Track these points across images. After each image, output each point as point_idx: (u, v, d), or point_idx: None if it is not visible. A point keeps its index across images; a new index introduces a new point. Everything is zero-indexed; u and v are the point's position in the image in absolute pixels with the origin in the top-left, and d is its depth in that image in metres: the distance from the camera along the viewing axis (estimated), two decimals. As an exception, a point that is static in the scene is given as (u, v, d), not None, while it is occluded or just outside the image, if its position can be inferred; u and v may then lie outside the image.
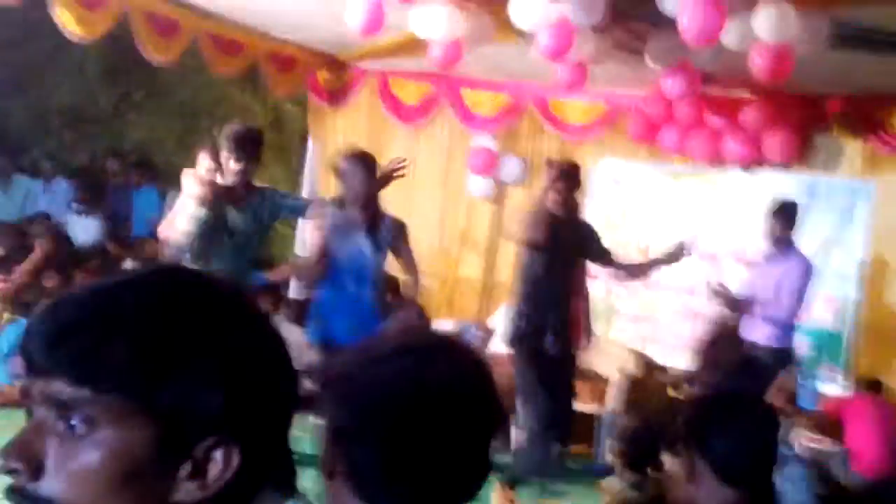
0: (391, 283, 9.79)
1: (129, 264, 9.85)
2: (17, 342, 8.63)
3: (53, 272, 9.42)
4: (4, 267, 9.37)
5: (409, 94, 10.54)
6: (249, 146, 6.31)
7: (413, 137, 10.59)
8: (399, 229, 6.58)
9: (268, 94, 11.85)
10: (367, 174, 6.37)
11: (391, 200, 10.54)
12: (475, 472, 1.51)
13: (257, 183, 6.90)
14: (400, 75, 10.43)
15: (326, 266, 6.44)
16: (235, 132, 6.32)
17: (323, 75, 10.62)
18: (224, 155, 6.32)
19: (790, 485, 6.05)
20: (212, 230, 6.29)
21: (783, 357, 7.72)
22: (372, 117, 10.66)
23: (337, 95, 10.68)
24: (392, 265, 6.99)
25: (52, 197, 11.34)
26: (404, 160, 6.70)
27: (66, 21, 7.73)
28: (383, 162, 10.52)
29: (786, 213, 7.85)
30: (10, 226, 10.43)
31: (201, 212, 6.27)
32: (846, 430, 7.89)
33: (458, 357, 1.56)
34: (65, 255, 9.88)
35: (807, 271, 7.80)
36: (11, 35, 10.53)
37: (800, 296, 7.73)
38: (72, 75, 12.07)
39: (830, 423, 7.88)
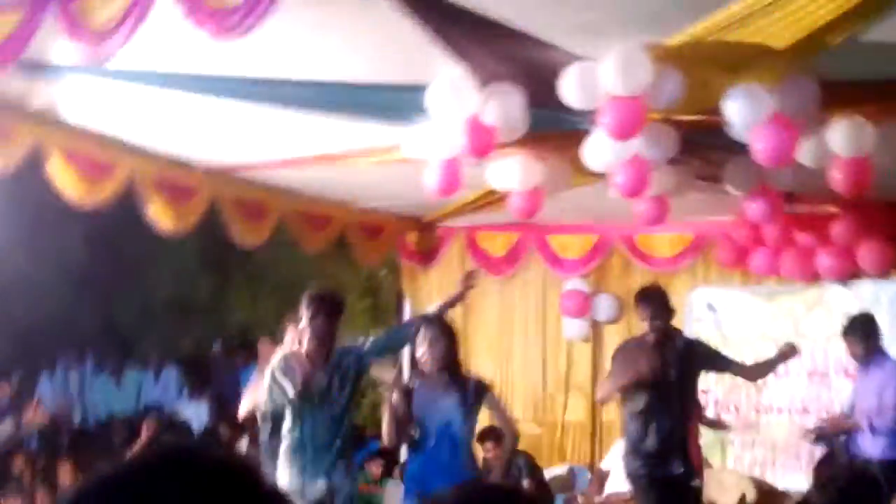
0: (495, 433, 9.80)
1: (243, 444, 9.96)
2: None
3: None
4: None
5: (497, 245, 10.68)
6: (323, 305, 6.35)
7: (506, 288, 10.68)
8: (486, 388, 6.57)
9: (360, 262, 12.11)
10: (449, 339, 6.40)
11: (492, 353, 10.69)
12: None
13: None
14: (486, 228, 10.57)
15: (405, 429, 6.39)
16: (310, 294, 6.41)
17: (411, 237, 10.81)
18: (303, 319, 6.37)
19: None
20: (299, 399, 6.32)
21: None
22: (463, 272, 10.75)
23: (427, 255, 10.85)
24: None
25: (163, 386, 11.60)
26: (475, 271, 6.74)
27: (160, 217, 7.98)
28: (479, 316, 10.73)
29: (860, 328, 7.77)
30: (123, 420, 10.68)
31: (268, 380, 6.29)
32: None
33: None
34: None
35: None
36: (111, 234, 10.93)
37: None
38: (172, 267, 12.45)
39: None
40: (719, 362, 7.51)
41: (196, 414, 10.96)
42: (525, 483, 9.42)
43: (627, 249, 10.18)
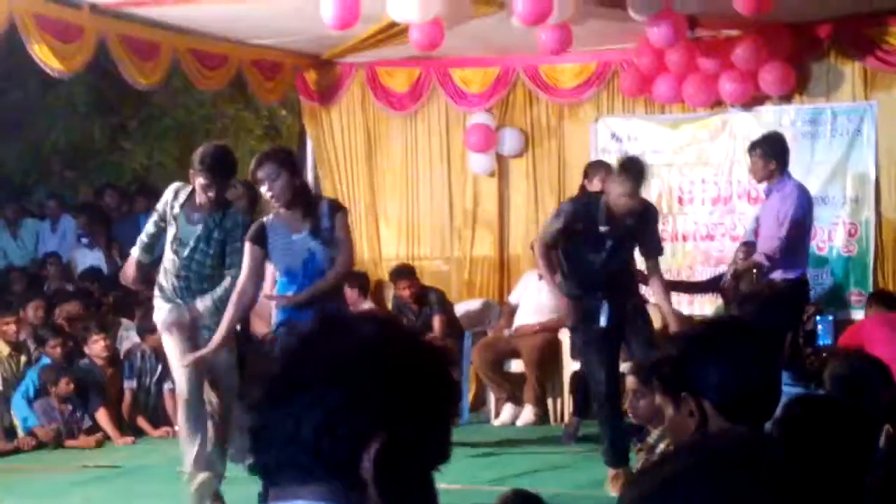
0: (408, 271, 9.79)
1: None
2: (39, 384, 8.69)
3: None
4: (18, 309, 9.39)
5: (399, 81, 10.48)
6: (214, 164, 6.21)
7: (409, 124, 10.53)
8: (338, 207, 6.27)
9: (260, 103, 11.84)
10: (288, 172, 6.08)
11: (398, 190, 10.60)
12: None
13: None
14: (387, 64, 10.37)
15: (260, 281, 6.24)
16: (201, 152, 6.27)
17: (310, 76, 10.58)
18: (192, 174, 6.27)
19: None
20: (177, 245, 6.24)
21: (799, 287, 7.55)
22: (366, 110, 10.61)
23: (327, 94, 10.63)
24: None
25: (60, 235, 11.37)
26: None
27: (45, 57, 7.72)
28: (384, 153, 10.60)
29: (764, 144, 7.66)
30: (22, 271, 10.52)
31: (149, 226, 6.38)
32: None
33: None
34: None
35: (800, 196, 7.58)
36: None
37: (795, 222, 7.48)
38: (64, 113, 12.07)
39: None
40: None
41: (95, 261, 10.79)
42: (436, 319, 9.46)
43: (531, 81, 10.05)
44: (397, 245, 10.56)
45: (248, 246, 6.03)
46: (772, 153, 7.54)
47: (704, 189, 9.58)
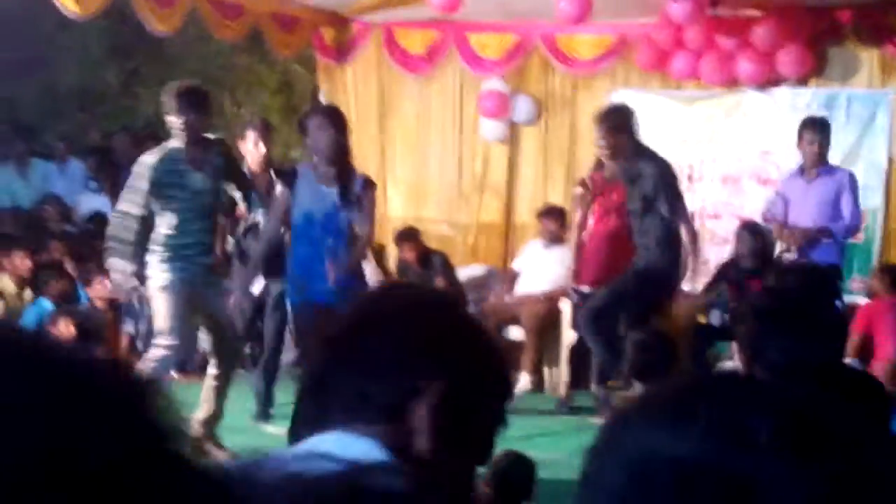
0: (413, 234, 9.79)
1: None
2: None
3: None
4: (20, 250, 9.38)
5: (415, 43, 10.45)
6: (191, 100, 6.18)
7: (423, 87, 10.51)
8: (371, 185, 6.36)
9: (276, 58, 11.80)
10: (336, 130, 6.12)
11: (408, 153, 10.59)
12: None
13: (262, 145, 6.89)
14: (404, 25, 10.34)
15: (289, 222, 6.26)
16: (175, 89, 6.24)
17: (328, 33, 10.55)
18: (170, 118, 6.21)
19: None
20: (168, 195, 6.17)
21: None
22: (380, 70, 10.58)
23: (343, 52, 10.60)
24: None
25: (69, 178, 11.36)
26: None
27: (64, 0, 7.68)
28: (396, 114, 10.58)
29: (818, 126, 7.77)
30: (21, 212, 10.50)
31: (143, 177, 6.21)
32: (875, 341, 7.98)
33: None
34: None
35: (855, 180, 7.84)
36: (12, 19, 10.49)
37: (858, 205, 7.69)
38: (77, 56, 12.04)
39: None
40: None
41: (102, 206, 10.77)
42: (438, 282, 9.47)
43: (548, 50, 10.02)
44: (404, 206, 10.56)
45: (279, 188, 6.09)
46: (826, 140, 7.68)
47: (715, 167, 9.57)
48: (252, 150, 7.39)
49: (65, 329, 8.69)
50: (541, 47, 10.05)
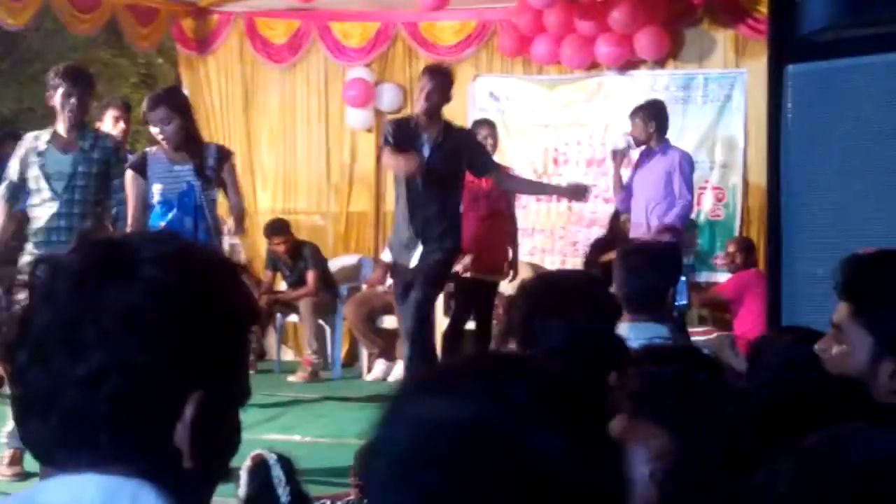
0: (283, 226, 9.71)
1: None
2: None
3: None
4: None
5: (278, 33, 10.37)
6: (70, 71, 6.05)
7: (288, 77, 10.44)
8: (227, 154, 6.21)
9: (136, 51, 11.60)
10: (182, 117, 5.98)
11: (274, 144, 10.51)
12: None
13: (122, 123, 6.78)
14: (265, 14, 10.25)
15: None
16: (54, 68, 6.11)
17: (188, 24, 10.40)
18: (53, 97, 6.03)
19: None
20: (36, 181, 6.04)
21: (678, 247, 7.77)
22: (243, 61, 10.48)
23: (204, 43, 10.46)
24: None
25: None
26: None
27: None
28: (261, 105, 10.48)
29: (647, 110, 7.98)
30: None
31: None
32: (736, 310, 8.26)
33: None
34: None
35: (690, 159, 8.01)
36: None
37: (688, 182, 7.84)
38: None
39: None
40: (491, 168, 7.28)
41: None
42: (310, 273, 9.42)
43: (410, 37, 10.04)
44: (273, 198, 10.49)
45: (130, 175, 5.96)
46: (651, 116, 7.84)
47: (579, 150, 9.71)
48: (111, 129, 7.21)
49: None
50: (404, 35, 10.06)
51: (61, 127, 6.04)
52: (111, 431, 1.14)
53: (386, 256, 8.76)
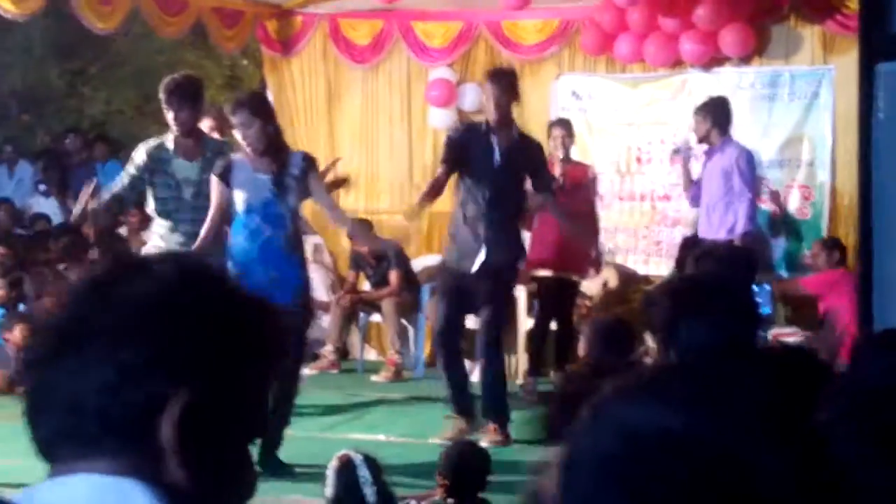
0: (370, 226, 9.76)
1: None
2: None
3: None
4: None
5: (361, 34, 10.43)
6: (182, 94, 6.21)
7: (371, 77, 10.49)
8: (312, 162, 6.27)
9: (221, 52, 11.75)
10: (263, 120, 6.05)
11: (357, 144, 10.57)
12: None
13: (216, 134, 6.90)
14: (349, 16, 10.32)
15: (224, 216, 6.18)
16: (164, 83, 6.27)
17: (272, 25, 10.51)
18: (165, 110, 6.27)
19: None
20: (163, 188, 6.25)
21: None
22: (327, 62, 10.56)
23: (288, 44, 10.57)
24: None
25: (17, 181, 11.26)
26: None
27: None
28: (344, 106, 10.54)
29: (707, 108, 7.93)
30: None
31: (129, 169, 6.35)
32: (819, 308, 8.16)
33: None
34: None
35: (750, 156, 7.98)
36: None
37: (747, 180, 7.77)
38: (20, 56, 11.93)
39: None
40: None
41: (52, 209, 10.69)
42: (393, 273, 9.46)
43: (493, 36, 10.04)
44: (356, 199, 10.54)
45: (215, 181, 6.06)
46: (707, 113, 7.81)
47: (663, 149, 9.62)
48: None
49: (20, 334, 8.61)
50: (486, 34, 10.06)
51: (179, 139, 6.25)
52: (102, 426, 1.14)
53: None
